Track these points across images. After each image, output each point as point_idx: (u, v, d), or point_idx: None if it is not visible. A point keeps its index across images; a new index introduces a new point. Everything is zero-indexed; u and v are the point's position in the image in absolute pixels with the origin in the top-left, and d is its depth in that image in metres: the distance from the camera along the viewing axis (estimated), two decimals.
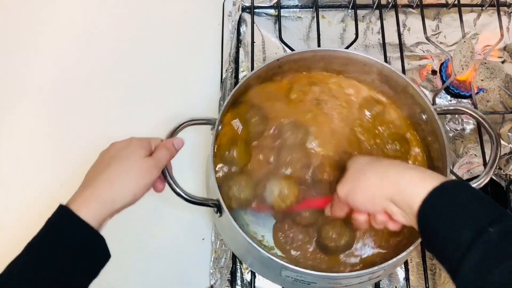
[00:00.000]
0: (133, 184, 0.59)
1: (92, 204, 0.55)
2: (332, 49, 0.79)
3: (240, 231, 0.66)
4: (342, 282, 0.69)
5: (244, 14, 1.02)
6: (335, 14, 1.04)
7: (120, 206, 0.58)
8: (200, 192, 0.83)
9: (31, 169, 0.91)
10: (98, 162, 0.62)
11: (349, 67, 0.81)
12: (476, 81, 0.91)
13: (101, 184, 0.57)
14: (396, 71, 0.76)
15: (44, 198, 0.88)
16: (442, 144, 0.72)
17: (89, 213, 0.54)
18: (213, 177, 0.69)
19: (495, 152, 0.70)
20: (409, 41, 1.01)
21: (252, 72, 0.75)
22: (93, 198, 0.56)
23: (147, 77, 0.98)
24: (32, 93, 0.96)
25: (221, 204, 0.68)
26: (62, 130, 0.94)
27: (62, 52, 1.00)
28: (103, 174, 0.58)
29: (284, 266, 0.65)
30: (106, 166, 0.59)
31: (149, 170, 0.60)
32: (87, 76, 0.98)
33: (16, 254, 0.54)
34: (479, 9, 1.03)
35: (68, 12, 1.04)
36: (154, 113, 0.95)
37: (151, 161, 0.61)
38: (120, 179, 0.58)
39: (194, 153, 0.88)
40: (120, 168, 0.59)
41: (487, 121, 0.72)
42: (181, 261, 0.84)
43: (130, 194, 0.58)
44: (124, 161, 0.59)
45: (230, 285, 0.82)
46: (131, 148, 0.61)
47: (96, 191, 0.56)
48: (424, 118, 0.77)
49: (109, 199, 0.56)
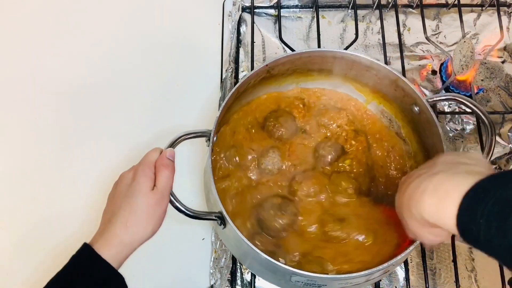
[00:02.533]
0: (146, 223, 0.63)
1: (114, 248, 0.60)
2: (317, 50, 0.80)
3: (247, 242, 0.65)
4: (352, 282, 0.69)
5: (244, 14, 1.03)
6: (335, 14, 1.04)
7: (140, 244, 0.63)
8: (200, 204, 0.84)
9: (30, 169, 0.91)
10: (111, 201, 0.66)
11: (337, 66, 0.81)
12: (476, 81, 0.91)
13: (117, 227, 0.61)
14: (385, 66, 0.76)
15: (44, 198, 0.89)
16: (437, 134, 0.72)
17: (110, 255, 0.60)
18: (213, 189, 0.68)
19: (491, 139, 0.71)
20: (409, 41, 1.01)
21: (238, 83, 0.75)
22: (114, 241, 0.60)
23: (147, 77, 0.98)
24: (27, 101, 0.96)
25: (224, 216, 0.67)
26: (61, 130, 0.94)
27: (62, 52, 1.00)
28: (117, 216, 0.62)
29: (294, 272, 0.65)
30: (118, 207, 0.63)
31: (158, 203, 0.64)
32: (87, 73, 0.98)
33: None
34: (479, 9, 1.03)
35: (67, 13, 1.04)
36: (154, 113, 0.95)
37: (158, 194, 0.64)
38: (133, 221, 0.62)
39: (190, 165, 0.89)
40: (130, 208, 0.62)
41: (479, 107, 0.72)
42: (181, 261, 0.84)
43: (147, 232, 0.63)
44: (133, 200, 0.63)
45: (230, 285, 0.82)
46: (136, 182, 0.64)
47: (116, 234, 0.61)
48: (417, 111, 0.77)
49: (128, 242, 0.61)
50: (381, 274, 0.72)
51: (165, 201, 0.65)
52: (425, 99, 0.73)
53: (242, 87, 0.76)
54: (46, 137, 0.93)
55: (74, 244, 0.83)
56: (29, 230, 0.86)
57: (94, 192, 0.87)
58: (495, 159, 0.91)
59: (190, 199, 0.85)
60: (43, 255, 0.84)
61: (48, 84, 0.97)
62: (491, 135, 0.71)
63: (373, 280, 0.73)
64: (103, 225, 0.64)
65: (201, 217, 0.69)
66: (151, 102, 0.96)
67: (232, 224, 0.66)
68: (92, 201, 0.86)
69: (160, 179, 0.65)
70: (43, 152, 0.92)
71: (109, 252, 0.60)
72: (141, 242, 0.63)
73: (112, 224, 0.61)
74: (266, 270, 0.70)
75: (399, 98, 0.79)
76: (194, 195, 0.87)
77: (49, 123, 0.94)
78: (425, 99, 0.73)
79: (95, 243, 0.60)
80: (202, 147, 0.73)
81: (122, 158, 0.90)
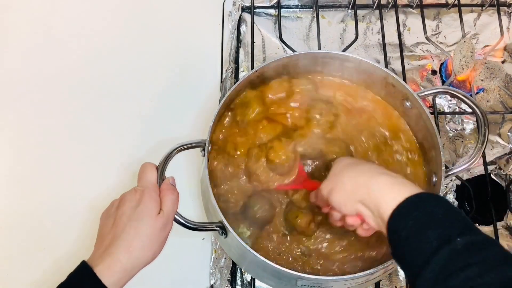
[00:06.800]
0: (149, 248, 0.61)
1: (116, 275, 0.58)
2: (309, 52, 0.79)
3: (251, 250, 0.65)
4: (358, 281, 0.69)
5: (244, 14, 1.02)
6: (335, 14, 1.04)
7: (140, 269, 0.61)
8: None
9: (29, 169, 0.91)
10: (112, 222, 0.62)
11: (329, 66, 0.80)
12: (476, 81, 0.91)
13: (120, 252, 0.58)
14: (374, 63, 0.76)
15: (44, 198, 0.89)
16: (430, 126, 0.72)
17: (111, 281, 0.57)
18: (212, 199, 0.68)
19: (484, 128, 0.71)
20: (409, 41, 1.01)
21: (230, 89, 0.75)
22: (116, 268, 0.58)
23: (147, 77, 0.98)
24: (27, 101, 0.96)
25: (225, 225, 0.67)
26: (62, 130, 0.94)
27: (60, 52, 1.00)
28: (120, 239, 0.59)
29: (299, 276, 0.65)
30: (121, 230, 0.60)
31: (164, 228, 0.62)
32: (87, 73, 0.98)
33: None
34: (479, 9, 1.03)
35: (67, 13, 1.04)
36: (154, 113, 0.95)
37: (164, 219, 0.62)
38: (137, 245, 0.59)
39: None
40: (135, 233, 0.60)
41: (470, 99, 0.72)
42: (181, 261, 0.84)
43: (148, 257, 0.61)
44: (140, 225, 0.60)
45: (230, 285, 0.82)
46: (144, 206, 0.62)
47: (119, 260, 0.58)
48: (409, 105, 0.77)
49: (129, 268, 0.59)
50: (381, 274, 0.72)
51: (170, 226, 0.63)
52: (416, 93, 0.74)
53: (234, 94, 0.76)
54: (46, 137, 0.93)
55: (74, 244, 0.84)
56: (29, 230, 0.86)
57: (94, 192, 0.87)
58: (495, 159, 0.91)
59: (188, 209, 0.85)
60: (43, 255, 0.84)
61: (48, 84, 0.97)
62: (484, 126, 0.71)
63: (373, 280, 0.73)
64: (103, 246, 0.60)
65: (202, 229, 0.69)
66: (151, 102, 0.96)
67: (234, 233, 0.66)
68: (93, 201, 0.86)
69: (166, 203, 0.63)
70: (43, 152, 0.92)
71: (110, 279, 0.57)
72: (141, 267, 0.61)
73: (114, 248, 0.58)
74: (271, 276, 0.70)
75: (391, 94, 0.79)
76: (193, 205, 0.87)
77: (49, 123, 0.94)
78: (416, 93, 0.74)
79: (95, 267, 0.57)
80: (198, 155, 0.73)
81: (122, 158, 0.90)
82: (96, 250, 0.61)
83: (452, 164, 0.90)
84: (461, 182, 0.88)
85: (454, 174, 0.72)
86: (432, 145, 0.74)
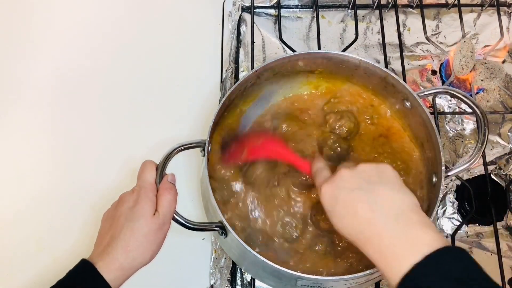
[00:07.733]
0: (146, 248, 0.62)
1: (113, 273, 0.59)
2: (309, 52, 0.78)
3: (251, 251, 0.64)
4: (358, 281, 0.69)
5: (244, 14, 1.02)
6: (335, 14, 1.04)
7: (137, 269, 0.62)
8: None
9: (28, 169, 0.91)
10: (110, 222, 0.64)
11: (328, 67, 0.80)
12: (476, 81, 0.91)
13: (118, 251, 0.60)
14: (374, 63, 0.76)
15: (44, 198, 0.89)
16: (430, 127, 0.72)
17: (109, 279, 0.59)
18: (212, 199, 0.68)
19: (484, 128, 0.70)
20: (409, 41, 1.01)
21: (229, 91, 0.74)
22: (113, 266, 0.59)
23: (147, 77, 0.98)
24: (26, 99, 0.96)
25: (225, 225, 0.67)
26: (62, 129, 0.94)
27: (59, 52, 1.00)
28: (118, 240, 0.60)
29: (299, 276, 0.65)
30: (119, 231, 0.61)
31: (160, 228, 0.63)
32: (85, 74, 0.98)
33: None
34: (479, 9, 1.03)
35: (66, 13, 1.04)
36: (154, 112, 0.95)
37: (160, 219, 0.63)
38: (134, 246, 0.60)
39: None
40: (131, 233, 0.61)
41: (470, 99, 0.72)
42: (181, 261, 0.84)
43: (146, 258, 0.62)
44: (136, 225, 0.61)
45: (230, 285, 0.82)
46: (140, 206, 0.62)
47: (116, 259, 0.60)
48: (409, 106, 0.76)
49: (127, 267, 0.60)
50: (381, 274, 0.72)
51: (167, 227, 0.64)
52: (416, 93, 0.73)
53: (233, 94, 0.76)
54: (46, 137, 0.93)
55: (74, 244, 0.84)
56: (29, 230, 0.86)
57: (94, 192, 0.87)
58: (495, 159, 0.91)
59: (188, 209, 0.86)
60: (43, 255, 0.84)
61: (47, 84, 0.97)
62: (484, 126, 0.70)
63: (373, 280, 0.73)
64: (101, 246, 0.62)
65: (202, 229, 0.69)
66: (151, 102, 0.96)
67: (234, 233, 0.66)
68: (93, 201, 0.86)
69: (162, 204, 0.63)
70: (43, 152, 0.92)
71: (108, 276, 0.58)
72: (138, 267, 0.62)
73: (112, 248, 0.60)
74: (271, 276, 0.70)
75: (390, 94, 0.79)
76: (193, 205, 0.87)
77: (48, 123, 0.94)
78: (416, 93, 0.73)
79: (94, 264, 0.59)
80: (198, 155, 0.73)
81: (122, 157, 0.90)
82: (95, 250, 0.62)
83: (452, 164, 0.90)
84: (461, 182, 0.88)
85: (454, 174, 0.72)
86: (432, 145, 0.74)
